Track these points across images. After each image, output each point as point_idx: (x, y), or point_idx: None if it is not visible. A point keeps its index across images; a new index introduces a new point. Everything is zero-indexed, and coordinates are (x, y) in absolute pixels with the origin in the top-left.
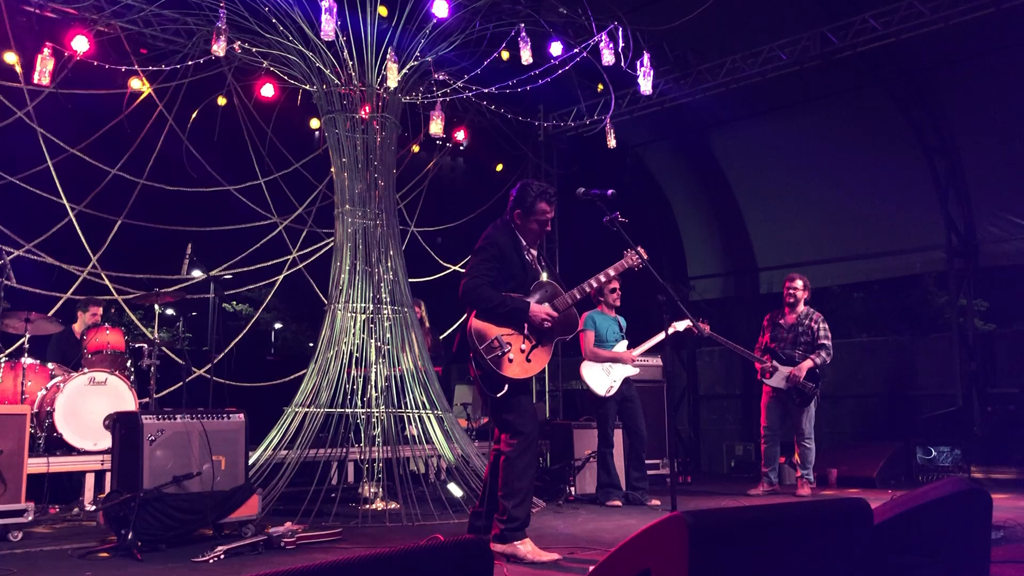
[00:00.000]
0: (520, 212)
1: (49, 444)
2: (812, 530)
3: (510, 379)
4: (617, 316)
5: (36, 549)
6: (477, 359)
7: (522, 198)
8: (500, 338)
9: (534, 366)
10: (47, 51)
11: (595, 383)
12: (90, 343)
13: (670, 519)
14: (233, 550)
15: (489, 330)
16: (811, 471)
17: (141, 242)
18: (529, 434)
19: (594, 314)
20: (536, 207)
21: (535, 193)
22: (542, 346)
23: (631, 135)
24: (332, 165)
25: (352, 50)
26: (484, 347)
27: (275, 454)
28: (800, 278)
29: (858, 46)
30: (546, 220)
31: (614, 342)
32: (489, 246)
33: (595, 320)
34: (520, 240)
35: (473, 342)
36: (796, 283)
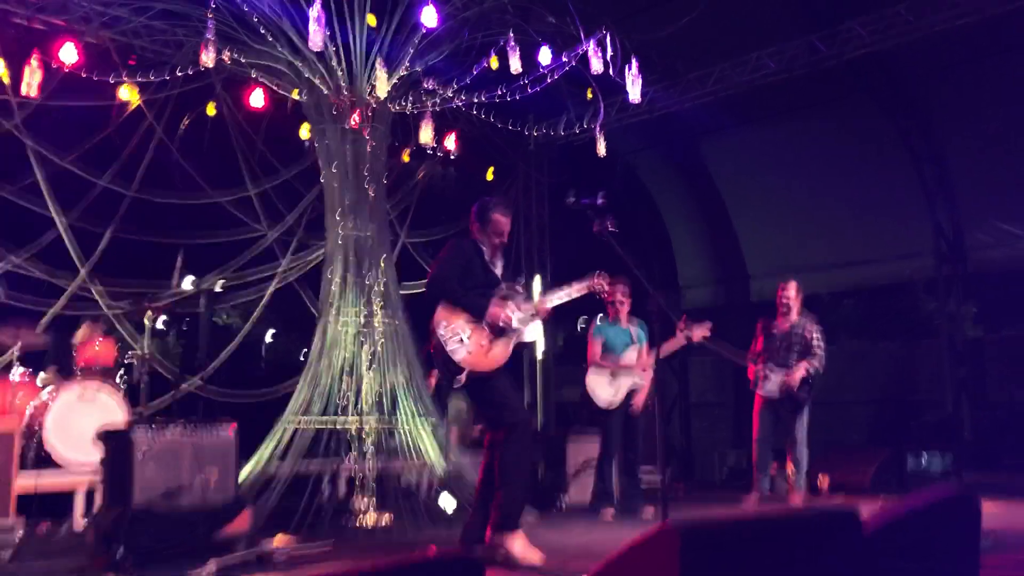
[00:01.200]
0: (479, 226)
1: (39, 460)
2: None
3: (472, 370)
4: (630, 325)
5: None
6: (437, 345)
7: (480, 213)
8: (461, 327)
9: (494, 360)
10: (35, 62)
11: (599, 394)
12: (80, 357)
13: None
14: (225, 565)
15: (450, 318)
16: (803, 478)
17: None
18: (515, 424)
19: (603, 323)
20: (491, 218)
21: (491, 206)
22: (503, 343)
23: (621, 143)
24: (322, 175)
25: (341, 59)
26: (443, 333)
27: (267, 467)
28: (793, 284)
29: (845, 54)
30: (503, 231)
31: (623, 350)
32: (453, 250)
33: (603, 329)
34: (483, 251)
35: (437, 328)
36: (789, 291)
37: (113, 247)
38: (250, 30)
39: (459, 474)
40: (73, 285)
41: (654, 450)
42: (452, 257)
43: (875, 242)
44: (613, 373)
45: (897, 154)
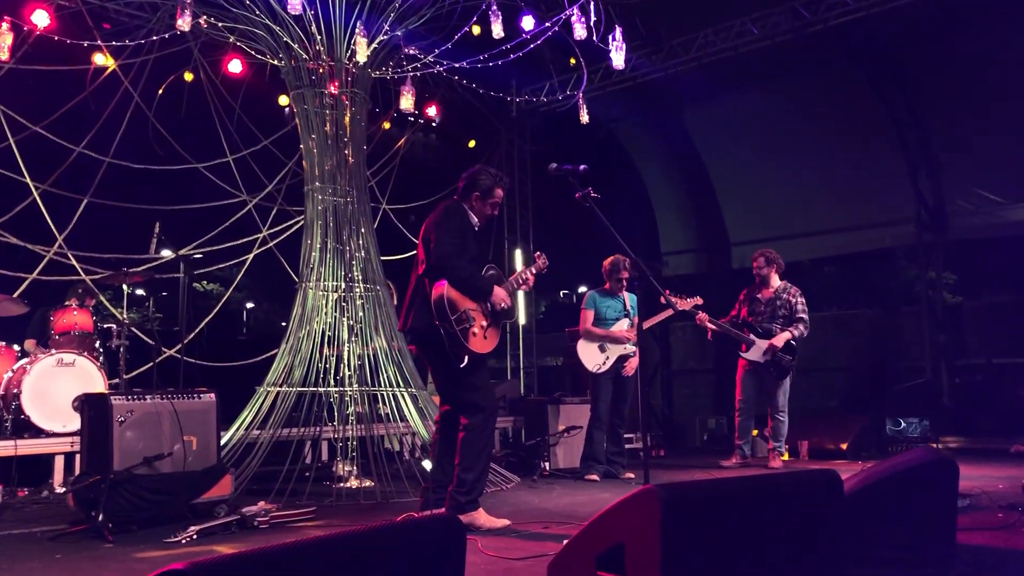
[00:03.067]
0: (478, 195)
1: (17, 426)
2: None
3: (473, 352)
4: (625, 295)
5: (5, 532)
6: (446, 328)
7: (480, 182)
8: (468, 311)
9: (489, 344)
10: (5, 26)
11: (588, 360)
12: (57, 324)
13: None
14: (206, 530)
15: (460, 301)
16: (783, 444)
17: (108, 221)
18: (490, 410)
19: (595, 293)
20: (493, 191)
21: (492, 178)
22: (495, 327)
23: (604, 110)
24: (301, 142)
25: (320, 24)
26: (455, 317)
27: (247, 434)
28: (762, 255)
29: (829, 20)
30: (498, 204)
31: (613, 320)
32: (453, 218)
33: (595, 299)
34: (472, 220)
35: (445, 310)
36: (758, 260)
37: (89, 215)
38: None
39: None
40: (49, 253)
41: (636, 416)
42: (456, 229)
43: (856, 209)
44: (602, 343)
45: (880, 121)
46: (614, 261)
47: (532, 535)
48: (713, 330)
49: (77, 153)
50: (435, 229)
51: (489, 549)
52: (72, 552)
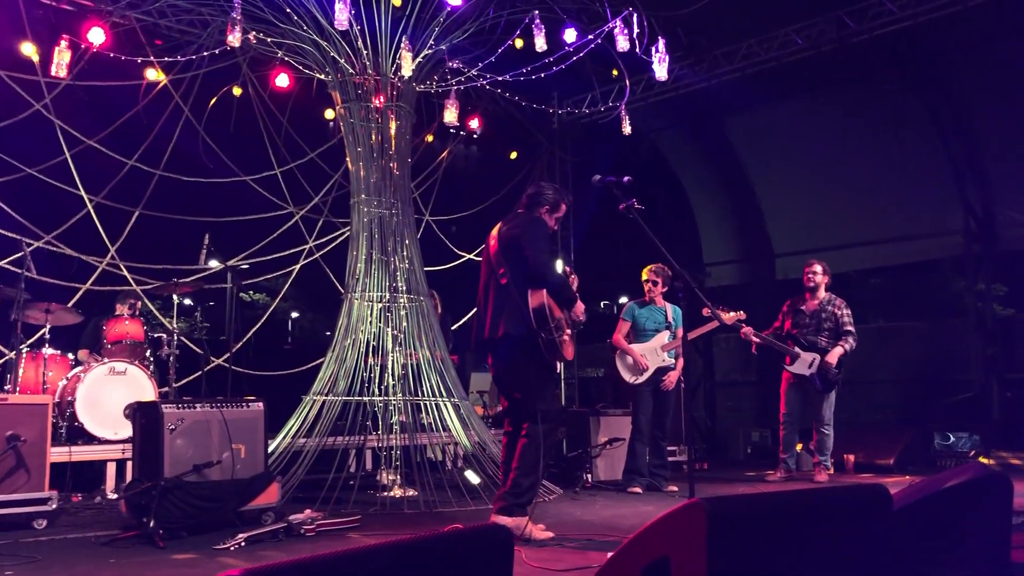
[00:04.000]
0: (547, 209)
1: (71, 433)
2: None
3: (565, 359)
4: (667, 306)
5: (61, 536)
6: (546, 335)
7: (548, 196)
8: (560, 320)
9: (569, 354)
10: (64, 43)
11: (625, 372)
12: (109, 333)
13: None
14: (253, 537)
15: (555, 309)
16: (829, 457)
17: (159, 233)
18: (556, 418)
19: (634, 304)
20: (559, 206)
21: (557, 193)
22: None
23: (646, 121)
24: (347, 154)
25: (366, 39)
26: (553, 325)
27: (294, 442)
28: (819, 263)
29: (874, 29)
30: (561, 218)
31: (653, 332)
32: (540, 228)
33: (634, 310)
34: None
35: (545, 318)
36: (815, 267)
37: (140, 227)
38: (275, 9)
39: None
40: (103, 264)
41: (679, 428)
42: (546, 238)
43: (903, 220)
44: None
45: (926, 130)
46: (652, 271)
47: (576, 547)
48: (757, 343)
49: (130, 166)
50: (525, 239)
51: (533, 560)
52: (124, 557)
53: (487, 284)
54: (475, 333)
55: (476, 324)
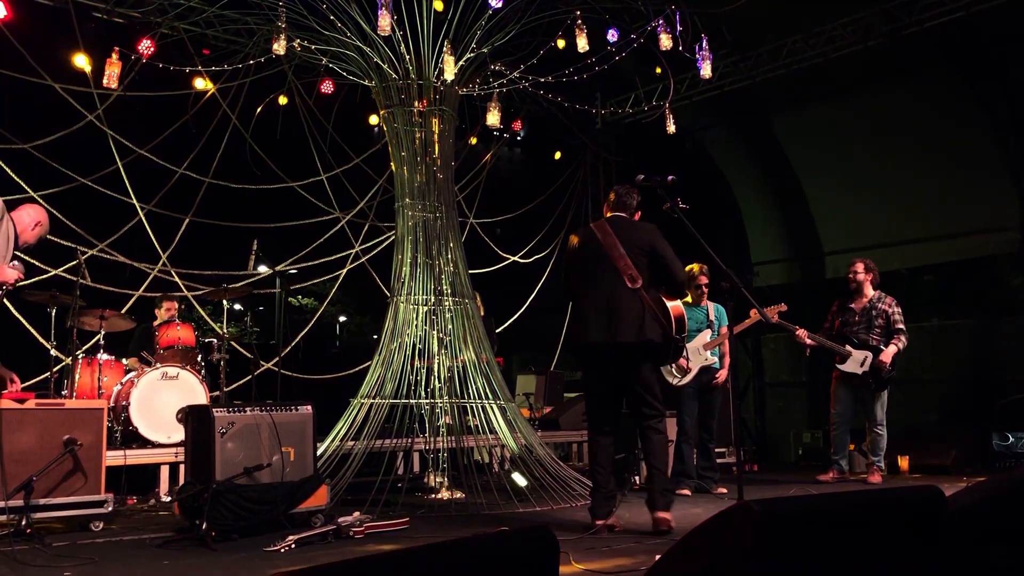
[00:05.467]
0: (640, 213)
1: (125, 437)
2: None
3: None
4: (709, 306)
5: (116, 538)
6: (679, 341)
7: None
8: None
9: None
10: (114, 55)
11: (668, 373)
12: (162, 339)
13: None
14: (304, 539)
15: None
16: (882, 458)
17: (208, 239)
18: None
19: None
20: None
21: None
22: None
23: (690, 120)
24: (391, 159)
25: (409, 44)
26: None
27: (342, 445)
28: (861, 262)
29: (925, 21)
30: None
31: (695, 332)
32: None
33: None
34: None
35: (683, 325)
36: (857, 267)
37: (190, 233)
38: (319, 16)
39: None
40: (154, 270)
41: (728, 430)
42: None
43: (956, 216)
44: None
45: (979, 124)
46: (690, 269)
47: (624, 550)
48: (811, 346)
49: (179, 174)
50: (663, 248)
51: (581, 562)
52: (178, 558)
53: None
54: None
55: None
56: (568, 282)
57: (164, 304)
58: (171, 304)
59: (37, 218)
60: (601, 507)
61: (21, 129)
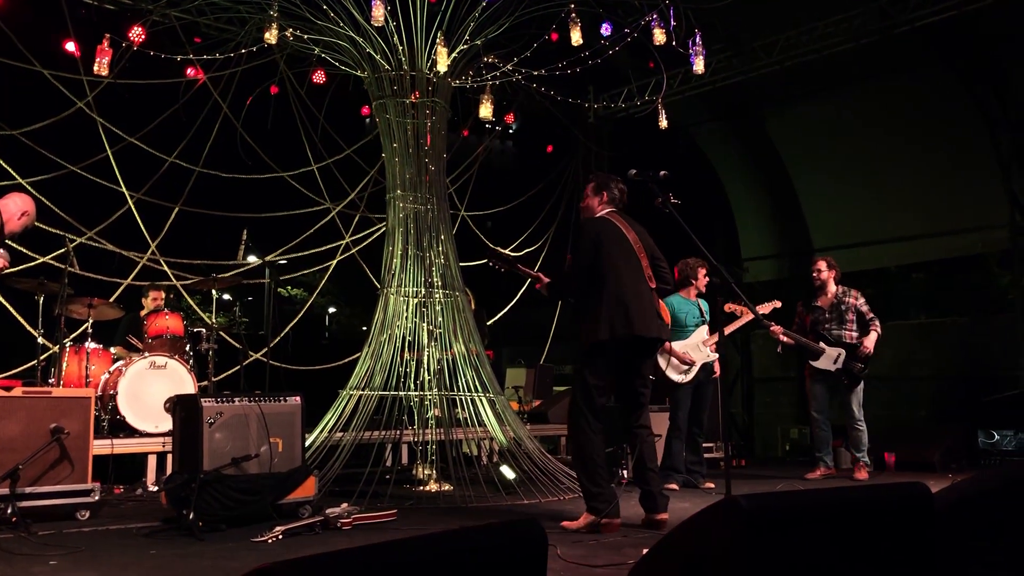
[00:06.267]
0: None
1: (113, 426)
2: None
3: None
4: (699, 300)
5: (103, 528)
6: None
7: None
8: None
9: None
10: (105, 42)
11: (672, 371)
12: (150, 328)
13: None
14: (291, 530)
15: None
16: (866, 454)
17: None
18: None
19: (674, 299)
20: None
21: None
22: None
23: (683, 115)
24: (383, 151)
25: (402, 35)
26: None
27: (331, 436)
28: (823, 260)
29: (917, 20)
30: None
31: (693, 327)
32: None
33: (674, 306)
34: None
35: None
36: (819, 264)
37: (180, 222)
38: (312, 6)
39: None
40: (143, 259)
41: (715, 425)
42: None
43: (946, 214)
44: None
45: (971, 123)
46: (689, 264)
47: (612, 543)
48: (786, 342)
49: (169, 163)
50: (658, 248)
51: (569, 556)
52: (165, 548)
53: (626, 277)
54: (623, 325)
55: (626, 317)
56: (590, 269)
57: (151, 293)
58: (158, 294)
59: (24, 207)
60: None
61: (10, 115)
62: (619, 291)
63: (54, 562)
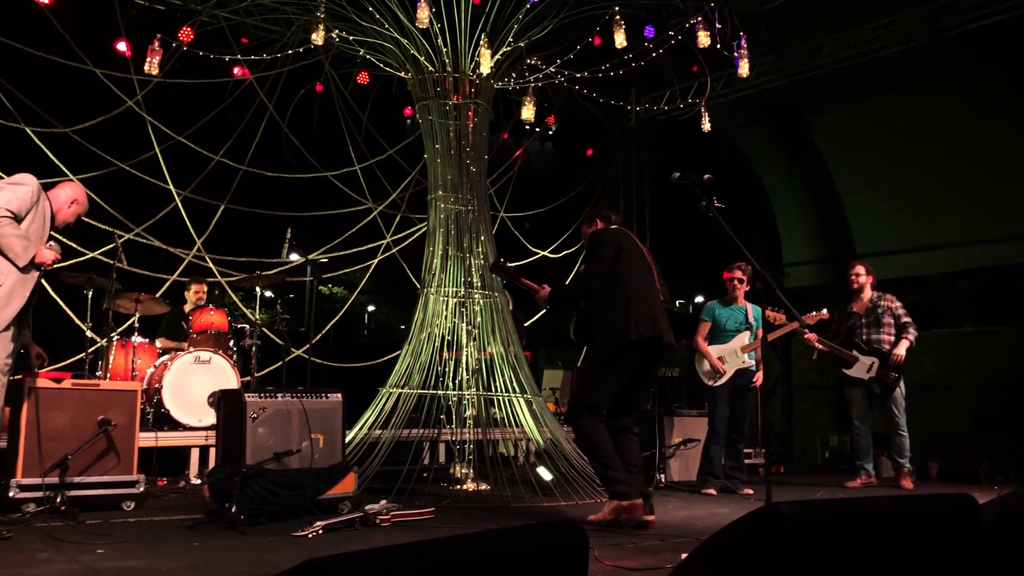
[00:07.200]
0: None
1: (157, 419)
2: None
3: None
4: (748, 306)
5: (147, 519)
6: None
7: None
8: None
9: None
10: (155, 42)
11: (703, 373)
12: (195, 323)
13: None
14: (331, 526)
15: None
16: (909, 462)
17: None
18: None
19: (715, 304)
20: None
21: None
22: None
23: (726, 118)
24: (425, 151)
25: (446, 37)
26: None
27: (370, 433)
28: (861, 265)
29: (968, 23)
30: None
31: (734, 332)
32: None
33: (714, 310)
34: None
35: None
36: (858, 269)
37: (225, 220)
38: (358, 7)
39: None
40: (189, 256)
41: (755, 431)
42: None
43: (993, 221)
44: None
45: (1020, 127)
46: (740, 268)
47: (650, 548)
48: (820, 350)
49: (216, 161)
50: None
51: (607, 559)
52: (207, 540)
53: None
54: (649, 327)
55: (650, 318)
56: (610, 272)
57: (193, 287)
58: (200, 287)
59: (73, 196)
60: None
61: (62, 113)
62: (641, 295)
63: (101, 551)
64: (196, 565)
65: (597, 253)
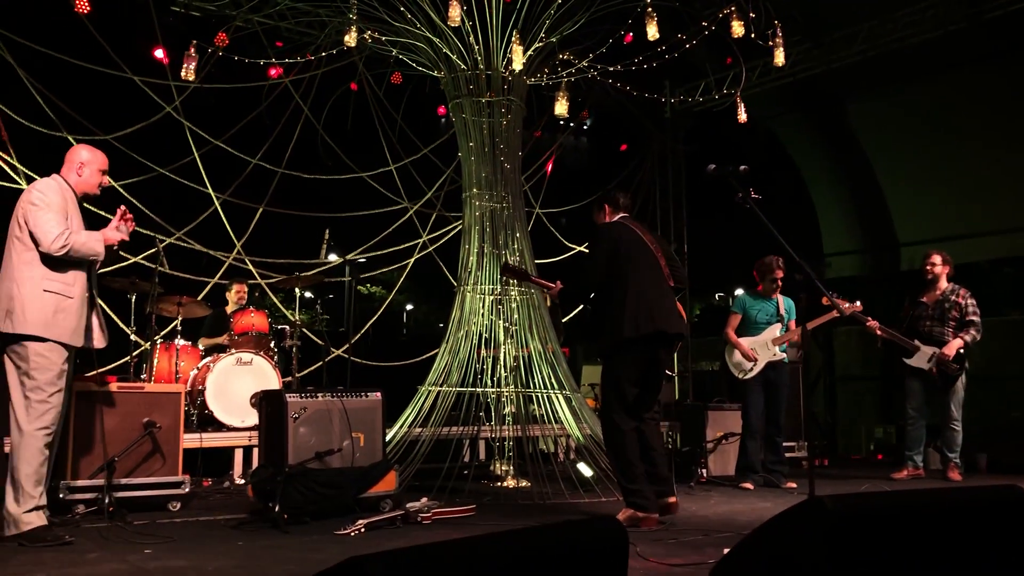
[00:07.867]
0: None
1: (201, 421)
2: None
3: None
4: (780, 298)
5: (193, 519)
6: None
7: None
8: None
9: None
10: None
11: (733, 366)
12: (236, 325)
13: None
14: (373, 524)
15: None
16: (958, 456)
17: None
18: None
19: (746, 296)
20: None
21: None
22: None
23: (762, 108)
24: (459, 150)
25: (478, 34)
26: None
27: (410, 432)
28: (938, 254)
29: (1009, 5)
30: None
31: (765, 325)
32: None
33: (745, 302)
34: None
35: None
36: (934, 258)
37: (264, 222)
38: (389, 8)
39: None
40: (229, 258)
41: (798, 424)
42: None
43: None
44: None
45: None
46: (766, 262)
47: (692, 543)
48: (882, 337)
49: (253, 165)
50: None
51: (649, 555)
52: (252, 540)
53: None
54: (647, 322)
55: (656, 315)
56: (607, 270)
57: (234, 287)
58: (241, 287)
59: (79, 159)
60: (653, 500)
61: (102, 120)
62: (640, 290)
63: (149, 551)
64: (241, 564)
65: (591, 253)
